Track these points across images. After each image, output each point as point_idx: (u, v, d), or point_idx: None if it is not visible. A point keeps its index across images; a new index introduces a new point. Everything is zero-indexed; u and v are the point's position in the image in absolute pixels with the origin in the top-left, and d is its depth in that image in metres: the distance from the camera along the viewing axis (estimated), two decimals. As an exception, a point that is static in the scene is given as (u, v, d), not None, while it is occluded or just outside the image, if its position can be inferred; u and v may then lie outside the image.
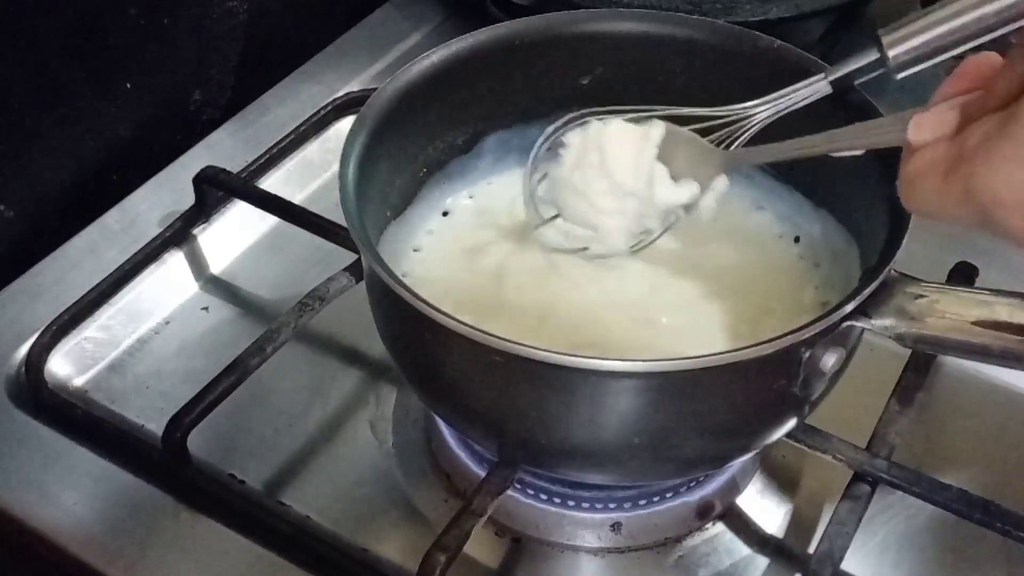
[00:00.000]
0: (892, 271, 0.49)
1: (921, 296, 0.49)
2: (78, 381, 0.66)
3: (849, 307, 0.47)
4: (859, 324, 0.49)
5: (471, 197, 0.64)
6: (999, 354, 0.48)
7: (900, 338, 0.49)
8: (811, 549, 0.54)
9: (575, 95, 0.62)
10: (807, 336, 0.47)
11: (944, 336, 0.48)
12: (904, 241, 0.49)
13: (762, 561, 0.58)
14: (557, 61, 0.62)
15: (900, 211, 0.50)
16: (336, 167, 0.53)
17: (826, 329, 0.47)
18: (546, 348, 0.46)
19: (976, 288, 0.51)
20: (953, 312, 0.48)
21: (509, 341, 0.46)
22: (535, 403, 0.49)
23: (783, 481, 0.61)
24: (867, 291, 0.47)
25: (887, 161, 0.53)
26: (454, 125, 0.62)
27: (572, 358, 0.46)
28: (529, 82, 0.62)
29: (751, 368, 0.47)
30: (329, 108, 0.80)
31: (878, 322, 0.49)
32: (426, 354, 0.52)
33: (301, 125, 0.78)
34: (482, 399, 0.51)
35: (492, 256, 0.61)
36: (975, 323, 0.47)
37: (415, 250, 0.62)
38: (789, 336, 0.46)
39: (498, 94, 0.62)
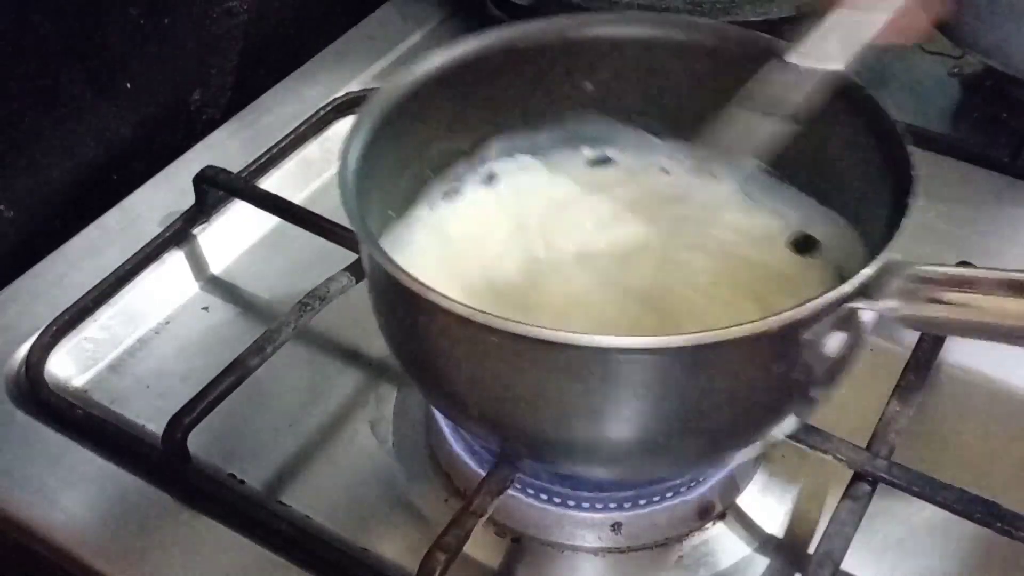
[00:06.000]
0: (894, 257, 0.49)
1: (923, 277, 0.49)
2: (78, 381, 0.66)
3: (848, 287, 0.47)
4: (862, 306, 0.48)
5: (476, 198, 0.64)
6: (1005, 332, 0.48)
7: (904, 320, 0.49)
8: (811, 549, 0.54)
9: (579, 98, 0.63)
10: (805, 315, 0.46)
11: (948, 317, 0.48)
12: (904, 223, 0.49)
13: (762, 561, 0.58)
14: (560, 64, 0.62)
15: (900, 194, 0.50)
16: (337, 167, 0.53)
17: (825, 309, 0.47)
18: (542, 325, 0.45)
19: (976, 267, 0.51)
20: (956, 292, 0.48)
21: (509, 320, 0.45)
22: (534, 383, 0.49)
23: (783, 481, 0.61)
24: (867, 271, 0.47)
25: (887, 150, 0.53)
26: (457, 126, 0.62)
27: (570, 334, 0.45)
28: (531, 86, 0.62)
29: (750, 347, 0.47)
30: (329, 108, 0.80)
31: (881, 304, 0.48)
32: (425, 341, 0.51)
33: (301, 125, 0.78)
34: (482, 385, 0.51)
35: (495, 254, 0.61)
36: (976, 302, 0.48)
37: (419, 248, 0.61)
38: (788, 313, 0.46)
39: (500, 97, 0.62)
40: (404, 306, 0.51)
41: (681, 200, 0.58)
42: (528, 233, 0.61)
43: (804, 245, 0.60)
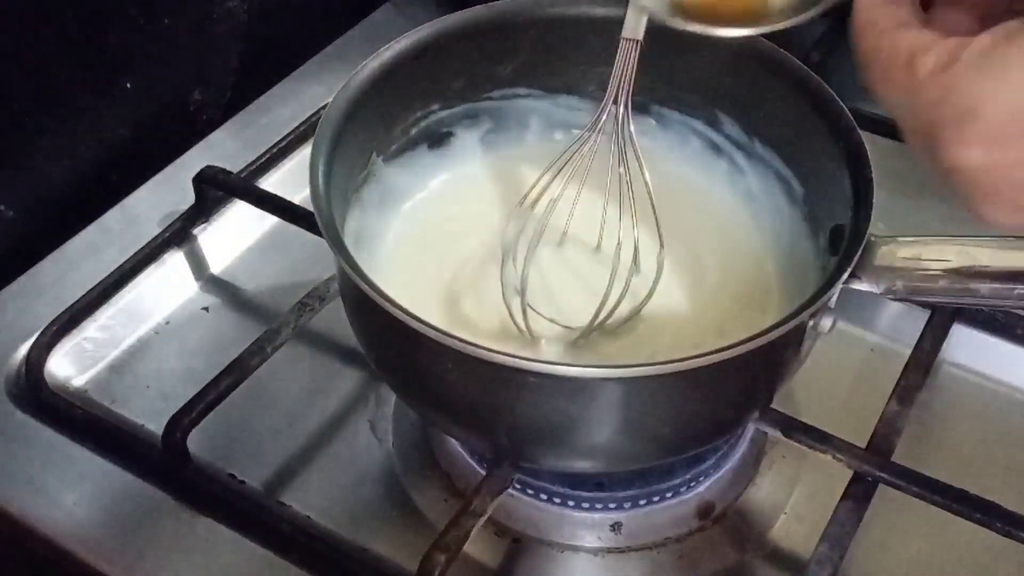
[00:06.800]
0: (871, 236, 0.50)
1: (904, 249, 0.50)
2: (78, 381, 0.66)
3: (846, 274, 0.48)
4: (852, 287, 0.49)
5: (446, 180, 0.64)
6: (988, 295, 0.48)
7: (891, 292, 0.50)
8: (811, 549, 0.54)
9: (568, 81, 0.63)
10: (815, 308, 0.48)
11: (932, 286, 0.49)
12: (874, 200, 0.50)
13: (762, 561, 0.58)
14: (548, 45, 0.62)
15: (860, 174, 0.51)
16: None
17: (826, 298, 0.49)
18: (512, 353, 0.46)
19: (953, 235, 0.52)
20: (937, 260, 0.49)
21: (475, 345, 0.46)
22: (516, 407, 0.50)
23: (783, 481, 0.61)
24: (859, 252, 0.48)
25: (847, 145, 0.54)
26: (416, 111, 0.62)
27: (551, 366, 0.46)
28: (517, 67, 0.62)
29: (758, 354, 0.47)
30: (329, 108, 0.80)
31: (868, 280, 0.50)
32: (395, 351, 0.52)
33: (301, 125, 0.78)
34: (460, 402, 0.51)
35: (473, 243, 0.61)
36: (958, 268, 0.49)
37: (391, 237, 0.62)
38: (804, 312, 0.47)
39: (475, 77, 0.62)
40: (371, 315, 0.51)
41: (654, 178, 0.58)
42: (501, 217, 0.61)
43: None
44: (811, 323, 0.50)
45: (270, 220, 0.73)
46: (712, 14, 0.47)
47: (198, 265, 0.73)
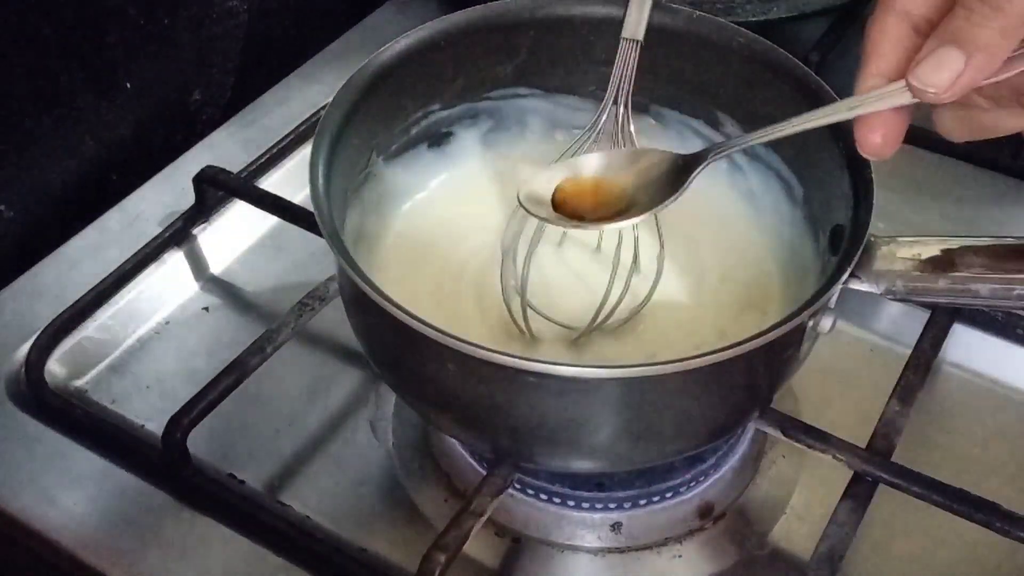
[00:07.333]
0: (871, 236, 0.50)
1: (904, 249, 0.50)
2: (78, 381, 0.66)
3: (846, 274, 0.48)
4: (852, 287, 0.49)
5: (447, 180, 0.64)
6: (988, 295, 0.48)
7: (891, 292, 0.50)
8: (811, 549, 0.54)
9: (568, 81, 0.63)
10: (815, 308, 0.48)
11: (932, 286, 0.49)
12: (874, 200, 0.50)
13: (762, 561, 0.58)
14: (548, 45, 0.62)
15: (860, 175, 0.51)
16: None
17: (826, 298, 0.49)
18: (517, 355, 0.46)
19: (953, 235, 0.52)
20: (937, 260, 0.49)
21: (475, 345, 0.46)
22: (516, 407, 0.50)
23: (783, 481, 0.61)
24: (859, 252, 0.48)
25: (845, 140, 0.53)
26: (430, 110, 0.62)
27: (550, 366, 0.46)
28: (517, 67, 0.62)
29: (759, 353, 0.47)
30: (329, 108, 0.80)
31: (868, 280, 0.50)
32: (395, 350, 0.52)
33: (301, 125, 0.78)
34: (460, 402, 0.51)
35: (473, 243, 0.61)
36: (958, 268, 0.49)
37: (391, 236, 0.62)
38: (804, 313, 0.47)
39: (475, 76, 0.62)
40: (371, 315, 0.51)
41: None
42: (501, 217, 0.61)
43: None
44: (811, 323, 0.50)
45: (270, 220, 0.73)
46: (590, 215, 0.53)
47: (198, 265, 0.73)
